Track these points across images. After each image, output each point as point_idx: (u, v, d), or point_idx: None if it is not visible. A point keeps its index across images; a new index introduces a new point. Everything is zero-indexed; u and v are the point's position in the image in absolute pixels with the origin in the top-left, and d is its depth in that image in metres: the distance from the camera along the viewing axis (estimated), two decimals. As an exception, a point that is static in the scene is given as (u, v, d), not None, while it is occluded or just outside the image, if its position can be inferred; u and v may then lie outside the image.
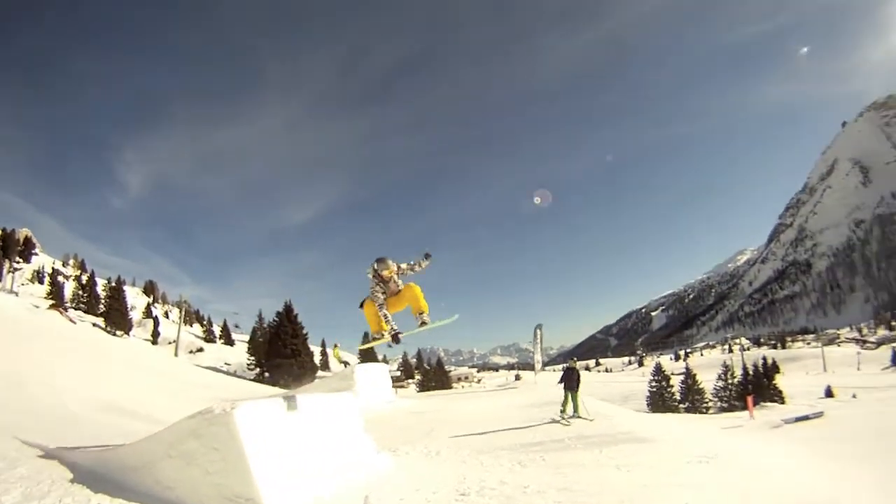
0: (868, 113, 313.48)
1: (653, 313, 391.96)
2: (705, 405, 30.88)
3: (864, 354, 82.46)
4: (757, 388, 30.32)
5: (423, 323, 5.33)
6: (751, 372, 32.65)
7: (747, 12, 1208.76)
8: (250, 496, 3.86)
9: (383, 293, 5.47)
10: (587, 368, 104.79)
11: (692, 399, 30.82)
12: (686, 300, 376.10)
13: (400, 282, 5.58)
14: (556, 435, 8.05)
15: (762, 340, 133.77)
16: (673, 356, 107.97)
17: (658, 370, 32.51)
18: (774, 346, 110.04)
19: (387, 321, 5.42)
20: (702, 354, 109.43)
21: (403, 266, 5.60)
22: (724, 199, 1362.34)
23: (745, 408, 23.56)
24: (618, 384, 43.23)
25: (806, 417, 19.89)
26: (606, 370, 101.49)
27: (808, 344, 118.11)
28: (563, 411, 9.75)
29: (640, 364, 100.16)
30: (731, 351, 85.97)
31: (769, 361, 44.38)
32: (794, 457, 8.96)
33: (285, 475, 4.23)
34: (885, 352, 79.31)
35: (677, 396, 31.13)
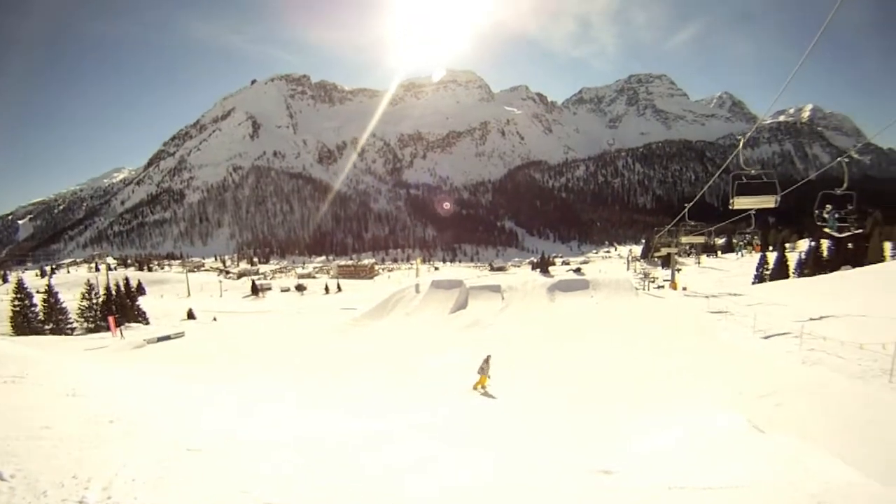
0: (279, 81, 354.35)
1: (20, 221, 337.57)
2: (70, 326, 28.67)
3: (226, 283, 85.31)
4: (121, 308, 30.11)
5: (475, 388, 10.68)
6: (115, 292, 32.07)
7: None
8: None
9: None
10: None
11: (56, 319, 28.37)
12: (56, 211, 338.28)
13: None
14: None
15: (129, 261, 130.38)
16: (39, 272, 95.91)
17: (21, 287, 28.40)
18: (141, 269, 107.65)
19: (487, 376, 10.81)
20: (68, 272, 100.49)
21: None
22: (109, 113, 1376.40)
23: (109, 328, 23.57)
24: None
25: (168, 337, 21.12)
26: (-31, 286, 77.87)
27: (167, 270, 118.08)
28: None
29: (5, 280, 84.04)
30: (97, 270, 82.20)
31: (134, 283, 43.81)
32: (147, 371, 11.34)
33: None
34: (245, 282, 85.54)
35: (42, 316, 28.26)
